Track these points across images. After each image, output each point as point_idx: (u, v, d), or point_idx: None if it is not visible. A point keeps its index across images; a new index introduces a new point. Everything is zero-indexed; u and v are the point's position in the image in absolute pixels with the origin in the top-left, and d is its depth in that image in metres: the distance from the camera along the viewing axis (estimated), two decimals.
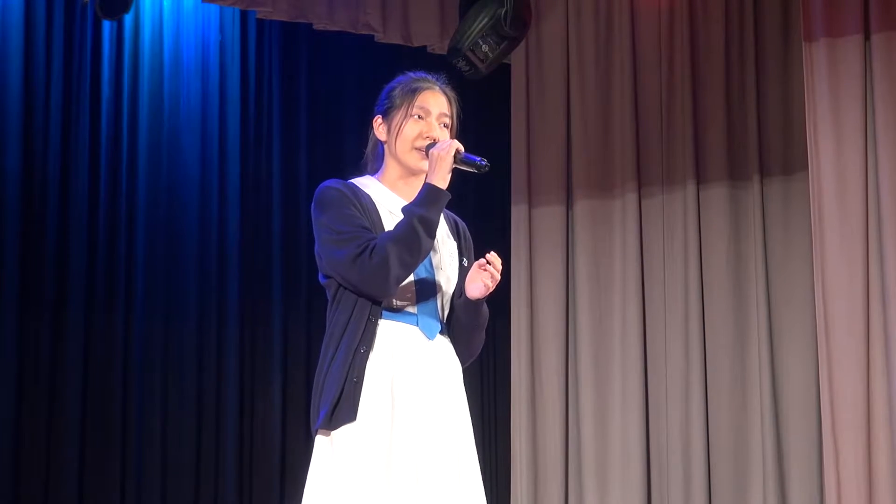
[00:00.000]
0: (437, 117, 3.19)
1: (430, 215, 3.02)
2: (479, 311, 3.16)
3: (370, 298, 3.05)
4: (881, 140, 5.31)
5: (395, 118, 3.18)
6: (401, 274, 3.01)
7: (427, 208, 3.03)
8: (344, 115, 6.29)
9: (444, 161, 3.06)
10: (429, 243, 3.03)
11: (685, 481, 5.72)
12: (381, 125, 3.22)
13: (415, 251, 3.01)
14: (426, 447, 3.03)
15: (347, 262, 3.02)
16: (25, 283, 5.47)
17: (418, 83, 3.21)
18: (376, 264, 2.98)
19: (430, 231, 3.02)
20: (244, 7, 5.64)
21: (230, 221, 5.96)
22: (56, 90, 5.62)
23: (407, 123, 3.16)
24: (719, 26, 5.90)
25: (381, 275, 2.99)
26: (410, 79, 3.23)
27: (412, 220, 3.01)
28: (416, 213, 3.01)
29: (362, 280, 3.01)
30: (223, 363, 5.87)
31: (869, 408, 5.25)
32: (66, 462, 5.45)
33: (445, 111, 3.21)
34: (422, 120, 3.17)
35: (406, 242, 3.00)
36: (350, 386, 3.00)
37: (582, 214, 6.02)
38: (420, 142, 3.16)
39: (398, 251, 2.99)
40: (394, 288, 3.03)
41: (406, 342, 3.08)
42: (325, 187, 3.15)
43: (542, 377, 5.97)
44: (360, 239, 3.02)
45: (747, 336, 5.75)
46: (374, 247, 3.00)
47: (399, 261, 2.99)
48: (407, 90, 3.20)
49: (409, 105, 3.17)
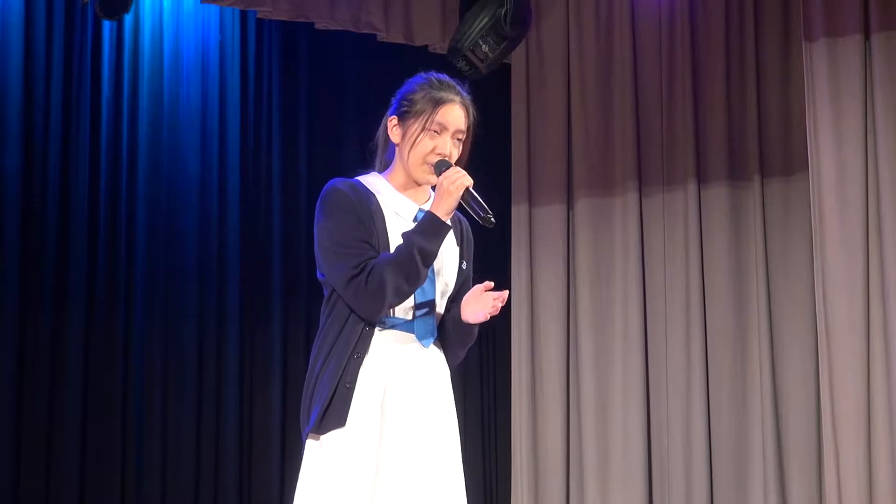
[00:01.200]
0: (453, 134, 3.12)
1: (430, 247, 3.00)
2: (470, 332, 3.15)
3: (359, 316, 3.03)
4: (881, 140, 5.31)
5: (412, 126, 3.11)
6: (395, 301, 3.01)
7: (428, 240, 2.99)
8: (344, 115, 6.29)
9: (451, 197, 3.01)
10: (425, 273, 3.01)
11: (686, 480, 5.72)
12: (396, 127, 3.15)
13: (412, 281, 2.99)
14: (414, 454, 3.03)
15: (343, 281, 3.00)
16: (26, 282, 5.46)
17: (441, 93, 3.12)
18: (372, 290, 2.97)
19: (427, 262, 3.00)
20: (244, 7, 5.63)
21: (230, 221, 5.96)
22: (56, 90, 5.62)
23: (423, 138, 3.10)
24: (719, 26, 5.90)
25: (376, 300, 2.98)
26: (434, 85, 3.14)
27: (412, 250, 2.97)
28: (417, 244, 2.98)
29: (356, 303, 3.01)
30: (223, 363, 5.87)
31: (869, 407, 5.25)
32: (66, 461, 5.44)
33: (462, 127, 3.13)
34: (438, 135, 3.10)
35: (405, 272, 2.97)
36: (342, 391, 3.00)
37: (582, 214, 6.02)
38: (432, 157, 3.10)
39: (395, 280, 2.97)
40: (385, 312, 3.03)
41: (401, 350, 3.08)
42: (332, 189, 3.09)
43: (543, 377, 5.97)
44: (359, 258, 3.00)
45: (748, 335, 5.75)
46: (371, 271, 2.97)
47: (395, 289, 2.98)
48: (429, 99, 3.11)
49: (429, 118, 3.09)
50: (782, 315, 5.73)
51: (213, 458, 5.78)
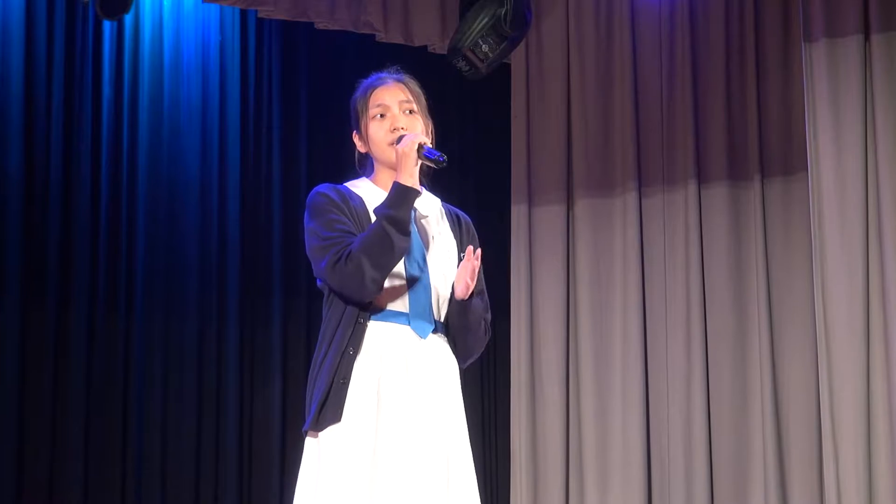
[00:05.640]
0: (398, 106, 3.22)
1: (398, 214, 3.03)
2: (466, 310, 3.16)
3: (353, 303, 3.07)
4: (881, 140, 5.31)
5: (363, 126, 3.24)
6: (376, 276, 3.03)
7: (395, 208, 3.04)
8: (344, 115, 6.27)
9: (407, 157, 3.08)
10: (403, 241, 3.04)
11: (686, 481, 5.71)
12: (357, 138, 3.28)
13: (387, 252, 3.02)
14: (411, 448, 3.04)
15: (328, 269, 3.06)
16: (27, 282, 5.46)
17: (370, 84, 3.27)
18: (350, 270, 3.01)
19: (400, 229, 3.03)
20: (245, 6, 5.64)
21: (230, 221, 5.96)
22: (57, 90, 5.62)
23: (371, 126, 3.22)
24: (719, 26, 5.90)
25: (356, 280, 3.02)
26: (362, 84, 3.30)
27: (381, 222, 3.03)
28: (385, 214, 3.03)
29: (341, 286, 3.05)
30: (223, 363, 5.86)
31: (869, 407, 5.25)
32: (68, 461, 5.44)
33: (404, 98, 3.24)
34: (384, 118, 3.21)
35: (377, 245, 3.02)
36: (337, 387, 3.03)
37: (582, 214, 6.02)
38: (391, 137, 3.18)
39: (369, 255, 3.01)
40: (371, 290, 3.05)
41: (395, 343, 3.10)
42: (315, 193, 3.19)
43: (543, 377, 5.97)
44: (339, 245, 3.05)
45: (748, 334, 5.75)
46: (349, 252, 3.03)
47: (372, 264, 3.01)
48: (361, 95, 3.26)
49: (367, 108, 3.23)
50: (783, 315, 5.72)
51: (213, 457, 5.78)
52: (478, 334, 3.22)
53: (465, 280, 3.09)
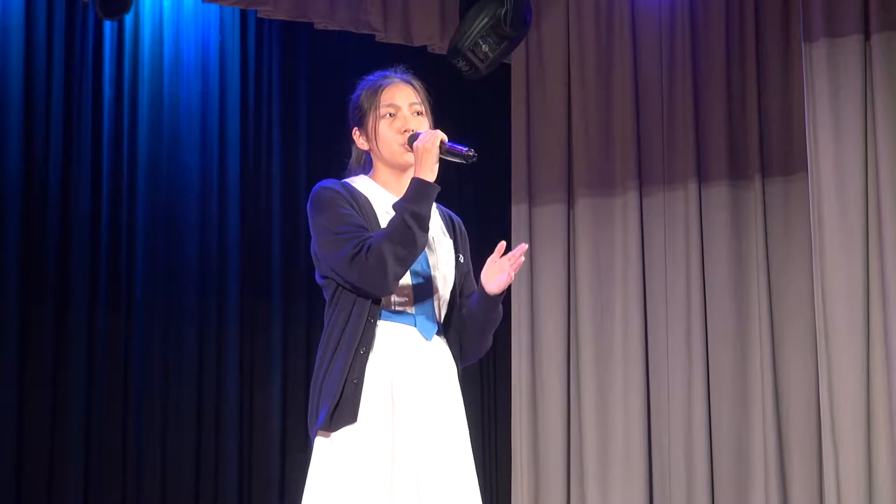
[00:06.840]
0: (408, 108, 3.19)
1: (420, 210, 3.02)
2: (494, 308, 3.16)
3: (370, 297, 3.05)
4: (881, 140, 5.31)
5: (370, 125, 3.20)
6: (398, 271, 3.01)
7: (417, 203, 3.02)
8: (344, 115, 6.27)
9: (429, 154, 3.05)
10: (423, 237, 3.03)
11: (687, 480, 5.72)
12: (360, 135, 3.24)
13: (409, 247, 3.00)
14: (427, 449, 3.03)
15: (345, 262, 3.02)
16: (26, 282, 5.46)
17: (378, 82, 3.23)
18: (373, 264, 2.98)
19: (422, 225, 3.02)
20: (245, 6, 5.64)
21: (230, 221, 5.96)
22: (57, 90, 5.62)
23: (381, 125, 3.18)
24: (719, 26, 5.90)
25: (378, 273, 2.99)
26: (369, 81, 3.26)
27: (404, 215, 3.00)
28: (408, 209, 3.01)
29: (361, 280, 3.01)
30: (223, 363, 5.86)
31: (869, 406, 5.25)
32: (68, 461, 5.44)
33: (414, 100, 3.21)
34: (394, 117, 3.18)
35: (400, 239, 2.99)
36: (350, 387, 3.01)
37: (583, 213, 6.02)
38: (401, 137, 3.16)
39: (393, 248, 2.98)
40: (393, 285, 3.03)
41: (405, 343, 3.09)
42: (321, 188, 3.16)
43: (543, 377, 5.97)
44: (357, 238, 3.03)
45: (748, 334, 5.75)
46: (370, 246, 3.00)
47: (395, 258, 2.99)
48: (370, 94, 3.22)
49: (376, 106, 3.19)
50: (783, 314, 5.72)
51: (213, 457, 5.78)
52: (491, 334, 3.24)
53: (510, 273, 3.08)
